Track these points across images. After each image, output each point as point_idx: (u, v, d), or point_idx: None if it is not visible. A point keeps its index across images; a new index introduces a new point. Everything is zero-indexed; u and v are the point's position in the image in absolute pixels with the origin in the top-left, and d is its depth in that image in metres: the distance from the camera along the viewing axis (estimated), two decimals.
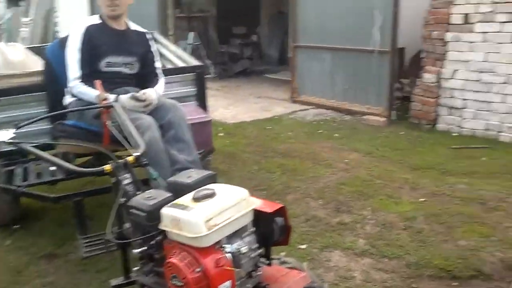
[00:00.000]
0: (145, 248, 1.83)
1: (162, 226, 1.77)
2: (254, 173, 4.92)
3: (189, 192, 1.83)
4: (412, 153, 5.49)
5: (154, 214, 1.77)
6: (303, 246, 3.44)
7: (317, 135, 6.38)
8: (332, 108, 7.68)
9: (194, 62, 4.60)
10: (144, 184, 2.27)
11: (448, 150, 5.56)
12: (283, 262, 2.16)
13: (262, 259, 1.94)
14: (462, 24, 6.08)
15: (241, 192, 1.84)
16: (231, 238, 1.79)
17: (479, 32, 5.94)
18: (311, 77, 8.12)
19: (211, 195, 1.76)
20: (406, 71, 7.95)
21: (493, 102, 5.93)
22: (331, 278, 3.07)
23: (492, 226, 3.60)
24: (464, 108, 6.19)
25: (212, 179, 1.99)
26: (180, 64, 4.66)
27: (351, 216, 3.89)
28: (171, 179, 2.01)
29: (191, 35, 11.02)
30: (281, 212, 1.93)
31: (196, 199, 1.74)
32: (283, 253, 2.30)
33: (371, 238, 3.53)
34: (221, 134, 6.37)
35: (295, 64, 8.32)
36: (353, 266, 3.21)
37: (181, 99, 3.86)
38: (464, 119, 6.20)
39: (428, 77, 6.47)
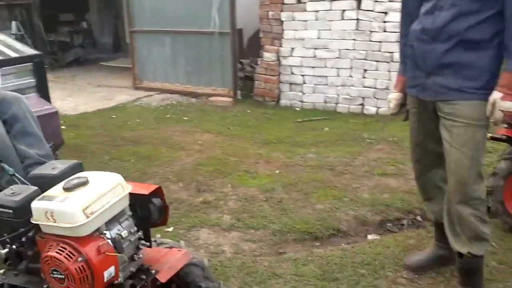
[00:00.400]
0: (14, 247, 1.64)
1: (34, 221, 1.60)
2: (107, 163, 4.70)
3: (56, 184, 1.69)
4: (261, 129, 5.70)
5: (22, 210, 1.62)
6: (170, 229, 3.38)
7: (166, 120, 6.29)
8: (177, 92, 7.63)
9: (30, 51, 4.26)
10: None
11: (294, 124, 5.88)
12: (161, 243, 2.10)
13: (142, 242, 1.86)
14: (295, 3, 6.45)
15: (115, 177, 1.74)
16: (109, 224, 1.69)
17: (311, 11, 6.35)
18: (152, 63, 7.96)
19: (84, 183, 1.64)
20: (245, 51, 8.19)
21: (329, 76, 6.41)
22: (202, 255, 3.06)
23: (343, 188, 3.91)
24: (304, 83, 6.60)
25: (79, 168, 1.86)
26: (13, 54, 4.26)
27: (213, 194, 3.92)
28: (34, 172, 1.85)
29: (14, 24, 10.04)
30: (157, 192, 1.87)
31: (68, 189, 1.61)
32: (158, 235, 2.23)
33: (235, 213, 3.60)
34: (64, 127, 5.93)
35: (134, 50, 8.08)
36: (222, 241, 3.25)
37: (19, 91, 3.52)
38: (305, 94, 6.61)
39: (268, 56, 6.74)
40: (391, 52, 5.94)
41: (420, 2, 2.41)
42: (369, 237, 3.28)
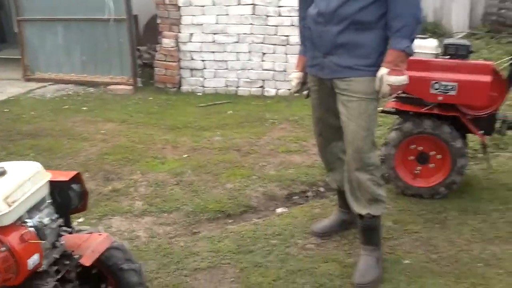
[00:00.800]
0: None
1: None
2: (4, 159, 4.46)
3: None
4: (165, 115, 5.70)
5: None
6: (80, 220, 3.34)
7: (64, 111, 6.07)
8: (72, 82, 7.35)
9: None
10: None
11: (197, 109, 5.95)
12: (79, 231, 2.11)
13: (64, 228, 1.88)
14: None
15: (34, 166, 1.74)
16: (31, 212, 1.69)
17: None
18: (44, 52, 7.58)
19: (2, 173, 1.63)
20: (142, 38, 8.07)
21: (229, 60, 6.52)
22: None
23: (250, 167, 4.08)
24: (204, 68, 6.65)
25: None
26: None
27: (122, 182, 3.91)
28: None
29: None
30: (77, 179, 1.88)
31: None
32: (75, 223, 2.23)
33: (147, 198, 3.64)
34: None
35: (24, 40, 7.63)
36: (135, 227, 3.28)
37: None
38: (206, 78, 6.68)
39: (166, 42, 6.71)
40: (287, 36, 6.19)
41: None
42: (278, 210, 3.48)
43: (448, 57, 3.29)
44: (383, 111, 3.47)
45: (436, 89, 3.20)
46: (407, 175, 3.44)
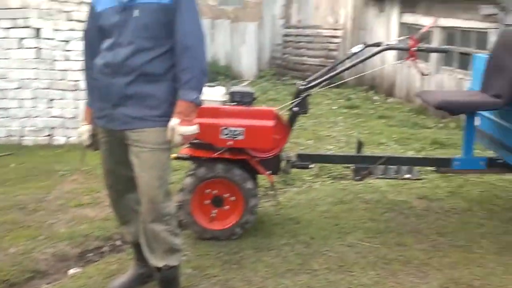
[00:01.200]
0: None
1: None
2: None
3: None
4: None
5: None
6: None
7: None
8: None
9: None
10: None
11: None
12: None
13: None
14: None
15: None
16: None
17: None
18: None
19: None
20: None
21: (10, 108, 6.00)
22: None
23: (37, 227, 3.70)
24: None
25: None
26: None
27: None
28: None
29: None
30: None
31: None
32: None
33: None
34: None
35: None
36: None
37: None
38: None
39: None
40: (77, 81, 5.96)
41: (101, 37, 2.51)
42: (71, 271, 3.19)
43: (235, 103, 3.46)
44: (177, 158, 3.48)
45: (226, 135, 3.33)
46: (204, 219, 3.48)
